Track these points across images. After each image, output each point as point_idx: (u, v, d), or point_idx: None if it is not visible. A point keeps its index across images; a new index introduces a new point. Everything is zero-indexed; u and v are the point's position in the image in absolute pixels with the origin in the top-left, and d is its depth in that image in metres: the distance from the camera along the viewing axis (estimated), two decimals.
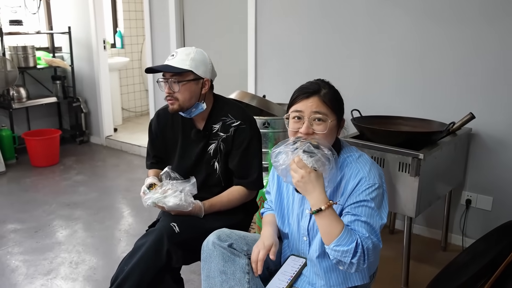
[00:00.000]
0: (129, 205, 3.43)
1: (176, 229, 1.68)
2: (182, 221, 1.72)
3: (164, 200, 1.69)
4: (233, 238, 1.53)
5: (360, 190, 1.37)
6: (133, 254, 1.68)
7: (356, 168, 1.40)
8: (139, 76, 6.06)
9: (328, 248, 1.32)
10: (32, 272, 2.48)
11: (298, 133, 1.40)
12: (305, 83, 1.47)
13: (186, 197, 1.70)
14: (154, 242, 1.64)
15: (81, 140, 4.94)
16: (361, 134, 2.43)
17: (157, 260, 1.63)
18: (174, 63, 1.75)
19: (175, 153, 1.94)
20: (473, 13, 2.52)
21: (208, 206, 1.80)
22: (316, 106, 1.39)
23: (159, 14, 4.05)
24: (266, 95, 3.01)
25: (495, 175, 2.61)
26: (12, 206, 3.35)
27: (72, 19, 4.73)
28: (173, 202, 1.68)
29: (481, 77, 2.56)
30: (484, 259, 2.08)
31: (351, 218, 1.35)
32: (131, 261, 1.65)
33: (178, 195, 1.70)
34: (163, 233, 1.66)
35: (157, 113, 2.00)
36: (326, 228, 1.32)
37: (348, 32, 2.99)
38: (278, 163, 1.36)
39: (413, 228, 2.88)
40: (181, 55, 1.77)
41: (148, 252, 1.64)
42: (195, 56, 1.77)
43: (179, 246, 1.67)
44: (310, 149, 1.32)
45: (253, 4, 3.38)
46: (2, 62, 4.03)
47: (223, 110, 1.87)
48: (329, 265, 1.45)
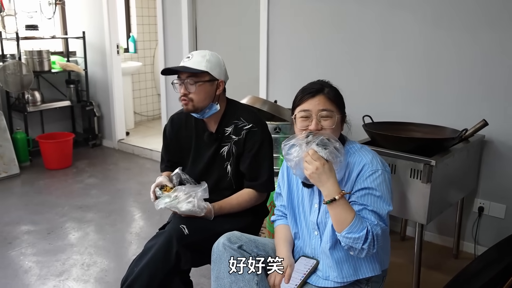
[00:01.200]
0: (140, 208, 3.46)
1: (185, 231, 1.70)
2: (191, 223, 1.73)
3: (177, 205, 1.71)
4: (243, 240, 1.56)
5: (364, 176, 1.43)
6: (142, 255, 1.70)
7: (359, 157, 1.47)
8: (152, 81, 6.12)
9: (340, 235, 1.37)
10: (44, 273, 2.51)
11: (307, 130, 1.46)
12: (307, 85, 1.55)
13: (199, 202, 1.72)
14: (164, 244, 1.66)
15: (94, 143, 4.99)
16: (372, 140, 2.43)
17: (166, 261, 1.65)
18: (190, 65, 1.78)
19: (189, 156, 1.96)
20: (486, 22, 2.51)
21: (218, 208, 1.82)
22: (322, 103, 1.47)
23: (172, 20, 4.09)
24: (278, 100, 3.02)
25: (509, 183, 2.58)
26: (26, 207, 3.40)
27: (86, 24, 4.81)
28: (185, 208, 1.70)
29: (495, 84, 2.54)
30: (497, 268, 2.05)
31: (358, 208, 1.41)
32: (140, 263, 1.67)
33: (191, 201, 1.71)
34: (172, 235, 1.68)
35: (171, 118, 2.03)
36: (339, 217, 1.37)
37: (359, 40, 2.99)
38: (292, 156, 1.42)
39: (425, 235, 2.86)
40: (197, 57, 1.80)
41: (157, 254, 1.65)
42: (210, 58, 1.80)
43: (188, 248, 1.68)
44: (323, 141, 1.39)
45: (265, 10, 3.40)
46: (18, 66, 4.10)
47: (236, 114, 1.89)
48: (340, 256, 1.48)
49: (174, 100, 4.26)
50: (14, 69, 4.07)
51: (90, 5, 4.73)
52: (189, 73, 1.77)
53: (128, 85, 5.52)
